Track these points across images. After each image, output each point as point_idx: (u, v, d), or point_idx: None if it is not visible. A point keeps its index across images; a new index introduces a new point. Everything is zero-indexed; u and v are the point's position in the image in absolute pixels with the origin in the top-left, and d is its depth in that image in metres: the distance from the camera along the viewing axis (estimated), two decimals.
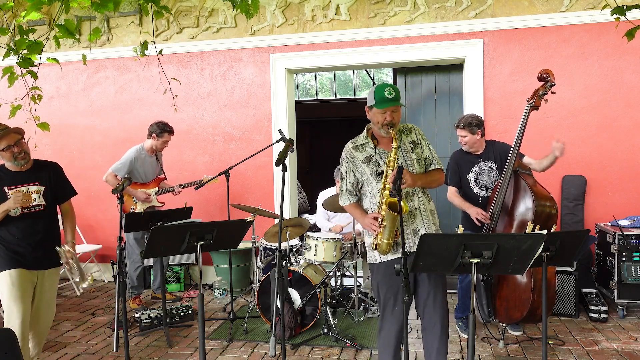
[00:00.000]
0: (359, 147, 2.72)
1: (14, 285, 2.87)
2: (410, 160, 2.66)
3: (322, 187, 5.40)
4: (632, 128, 4.66)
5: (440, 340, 2.61)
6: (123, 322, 2.98)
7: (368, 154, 2.68)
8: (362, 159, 2.69)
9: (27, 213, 2.96)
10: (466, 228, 3.61)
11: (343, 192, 2.77)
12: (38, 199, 3.00)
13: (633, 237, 4.13)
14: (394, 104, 2.54)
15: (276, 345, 2.51)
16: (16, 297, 2.86)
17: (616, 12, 2.65)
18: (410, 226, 2.61)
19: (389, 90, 2.54)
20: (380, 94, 2.54)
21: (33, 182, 3.00)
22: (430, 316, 2.63)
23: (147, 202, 4.68)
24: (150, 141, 4.68)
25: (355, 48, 5.12)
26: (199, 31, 5.44)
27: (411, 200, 2.62)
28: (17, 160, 2.91)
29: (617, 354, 3.47)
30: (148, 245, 2.53)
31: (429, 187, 2.71)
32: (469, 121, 3.72)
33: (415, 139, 2.72)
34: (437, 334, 2.61)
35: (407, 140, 2.70)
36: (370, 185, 2.67)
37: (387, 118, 2.53)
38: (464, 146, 3.78)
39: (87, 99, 5.82)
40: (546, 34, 4.75)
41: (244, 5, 3.09)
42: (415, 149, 2.69)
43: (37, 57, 3.02)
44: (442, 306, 2.63)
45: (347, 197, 2.76)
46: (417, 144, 2.71)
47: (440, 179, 2.73)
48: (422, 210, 2.65)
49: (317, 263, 4.30)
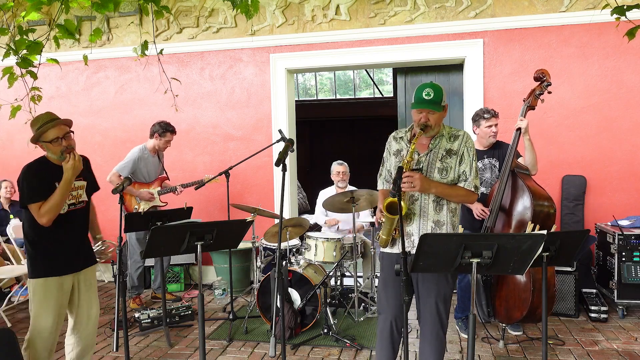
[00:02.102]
0: (397, 138, 2.74)
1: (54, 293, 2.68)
2: (432, 166, 2.57)
3: (322, 187, 5.41)
4: (632, 128, 4.66)
5: (430, 345, 2.59)
6: (123, 322, 2.98)
7: (400, 147, 2.70)
8: (394, 151, 2.72)
9: (73, 210, 2.76)
10: (466, 228, 3.62)
11: (380, 176, 2.82)
12: (83, 194, 2.83)
13: (633, 237, 4.13)
14: (427, 107, 2.48)
15: (276, 345, 2.51)
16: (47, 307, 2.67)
17: (616, 12, 2.65)
18: (406, 228, 2.58)
19: (428, 91, 2.50)
20: (419, 93, 2.52)
21: (79, 178, 2.78)
22: (423, 320, 2.62)
23: (151, 201, 4.69)
24: (152, 141, 4.69)
25: (355, 48, 5.12)
26: (199, 31, 5.44)
27: (412, 204, 2.59)
28: (62, 155, 2.65)
29: (617, 354, 3.47)
30: (148, 245, 2.53)
31: (447, 199, 2.58)
32: (496, 111, 3.75)
33: (456, 149, 2.57)
34: (427, 338, 2.60)
35: (444, 147, 2.58)
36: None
37: (422, 119, 2.51)
38: (492, 138, 3.73)
39: (87, 99, 5.82)
40: (546, 34, 4.75)
41: (244, 5, 3.09)
42: (447, 158, 2.56)
43: (36, 57, 3.02)
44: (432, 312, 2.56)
45: (382, 182, 2.81)
46: (455, 155, 2.57)
47: (464, 197, 2.58)
48: (422, 216, 2.58)
49: (317, 263, 4.30)
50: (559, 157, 4.78)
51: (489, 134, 3.71)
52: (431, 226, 2.58)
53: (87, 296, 2.85)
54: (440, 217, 2.58)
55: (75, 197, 2.77)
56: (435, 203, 2.58)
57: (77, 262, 2.81)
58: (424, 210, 2.58)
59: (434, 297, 2.56)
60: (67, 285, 2.75)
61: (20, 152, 5.88)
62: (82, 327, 2.86)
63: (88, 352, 2.91)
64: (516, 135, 3.50)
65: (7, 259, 4.93)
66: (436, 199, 2.58)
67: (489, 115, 3.72)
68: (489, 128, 3.71)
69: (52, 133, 2.63)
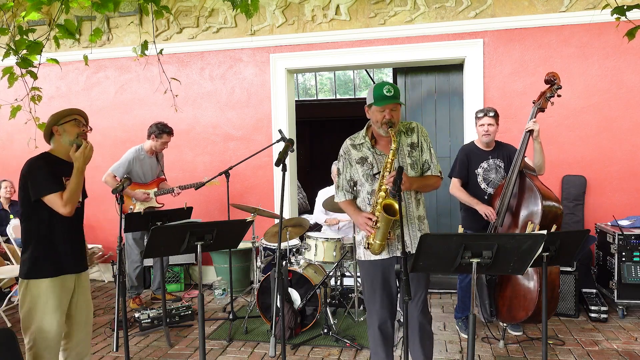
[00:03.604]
0: (357, 145, 2.70)
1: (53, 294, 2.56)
2: (403, 163, 2.61)
3: (322, 187, 5.41)
4: (632, 128, 4.66)
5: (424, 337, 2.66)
6: (123, 322, 2.98)
7: (364, 154, 2.66)
8: (357, 159, 2.67)
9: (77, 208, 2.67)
10: (466, 228, 3.61)
11: (339, 188, 2.76)
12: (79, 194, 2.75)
13: (633, 237, 4.13)
14: (392, 102, 2.49)
15: (276, 345, 2.51)
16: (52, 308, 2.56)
17: (616, 12, 2.64)
18: (396, 230, 2.57)
19: (388, 88, 2.50)
20: (379, 91, 2.51)
21: None
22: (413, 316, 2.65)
23: (146, 202, 4.68)
24: (149, 142, 4.68)
25: (355, 48, 5.12)
26: (199, 31, 5.44)
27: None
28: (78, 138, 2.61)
29: (617, 354, 3.47)
30: (148, 245, 2.53)
31: (422, 191, 2.69)
32: (496, 111, 3.73)
33: (416, 141, 2.66)
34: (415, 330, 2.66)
35: (406, 143, 2.64)
36: (362, 187, 2.67)
37: (386, 116, 2.50)
38: (486, 136, 3.71)
39: (87, 99, 5.82)
40: (546, 34, 4.75)
41: (244, 5, 3.09)
42: (412, 152, 2.64)
43: (37, 57, 3.01)
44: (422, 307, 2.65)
45: (342, 194, 2.75)
46: (417, 147, 2.65)
47: (435, 184, 2.69)
48: (409, 216, 2.61)
49: (317, 263, 4.30)
50: (559, 157, 4.78)
51: (481, 132, 3.73)
52: (417, 223, 2.63)
53: (83, 299, 2.76)
54: (420, 212, 2.66)
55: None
56: (415, 200, 2.65)
57: (80, 262, 2.76)
58: (408, 209, 2.62)
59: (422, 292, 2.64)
60: (69, 285, 2.68)
61: (20, 152, 5.87)
62: (80, 329, 2.75)
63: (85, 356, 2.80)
64: (526, 136, 3.48)
65: (7, 259, 4.93)
66: (416, 196, 2.64)
67: (481, 114, 3.74)
68: (481, 127, 3.73)
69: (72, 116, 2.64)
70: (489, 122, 3.69)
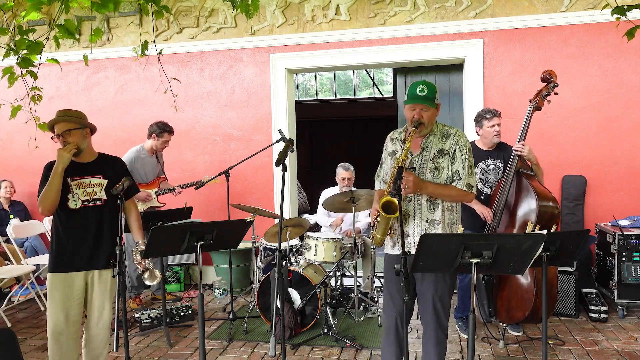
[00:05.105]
0: (394, 139, 2.72)
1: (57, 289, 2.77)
2: (424, 167, 2.55)
3: (322, 187, 5.41)
4: (632, 128, 4.66)
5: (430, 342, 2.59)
6: (123, 322, 2.98)
7: (396, 148, 2.68)
8: (390, 152, 2.71)
9: (87, 207, 2.81)
10: (466, 228, 3.61)
11: (378, 177, 2.81)
12: (99, 192, 2.86)
13: (633, 237, 4.13)
14: (421, 102, 2.46)
15: (276, 345, 2.51)
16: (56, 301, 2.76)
17: (616, 12, 2.65)
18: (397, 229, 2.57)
19: (422, 87, 2.48)
20: (412, 90, 2.50)
21: (97, 175, 2.87)
22: (424, 320, 2.62)
23: (147, 201, 4.68)
24: (150, 141, 4.68)
25: (355, 48, 5.12)
26: (199, 31, 5.44)
27: (405, 205, 2.58)
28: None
29: (617, 354, 3.47)
30: (148, 245, 2.53)
31: (442, 199, 2.56)
32: (498, 111, 3.75)
33: (448, 149, 2.54)
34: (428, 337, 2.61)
35: (436, 147, 2.56)
36: None
37: (415, 115, 2.49)
38: (497, 137, 3.71)
39: (87, 99, 5.82)
40: (546, 34, 4.75)
41: (244, 5, 3.09)
42: (438, 158, 2.54)
43: (37, 57, 3.02)
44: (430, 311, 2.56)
45: (379, 183, 2.80)
46: (447, 154, 2.54)
47: (459, 196, 2.55)
48: (417, 216, 2.57)
49: (317, 263, 4.30)
50: (559, 157, 4.78)
51: (492, 133, 3.69)
52: (425, 225, 2.57)
53: (100, 298, 2.88)
54: (434, 217, 2.57)
55: (89, 193, 2.82)
56: (429, 203, 2.57)
57: (91, 261, 2.84)
58: (417, 210, 2.58)
59: (432, 296, 2.56)
60: (77, 282, 2.82)
61: (20, 152, 5.88)
62: (92, 327, 2.91)
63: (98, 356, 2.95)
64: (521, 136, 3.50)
65: (7, 259, 4.93)
66: (429, 199, 2.57)
67: (490, 114, 3.71)
68: (491, 128, 3.69)
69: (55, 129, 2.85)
70: (499, 122, 3.70)
